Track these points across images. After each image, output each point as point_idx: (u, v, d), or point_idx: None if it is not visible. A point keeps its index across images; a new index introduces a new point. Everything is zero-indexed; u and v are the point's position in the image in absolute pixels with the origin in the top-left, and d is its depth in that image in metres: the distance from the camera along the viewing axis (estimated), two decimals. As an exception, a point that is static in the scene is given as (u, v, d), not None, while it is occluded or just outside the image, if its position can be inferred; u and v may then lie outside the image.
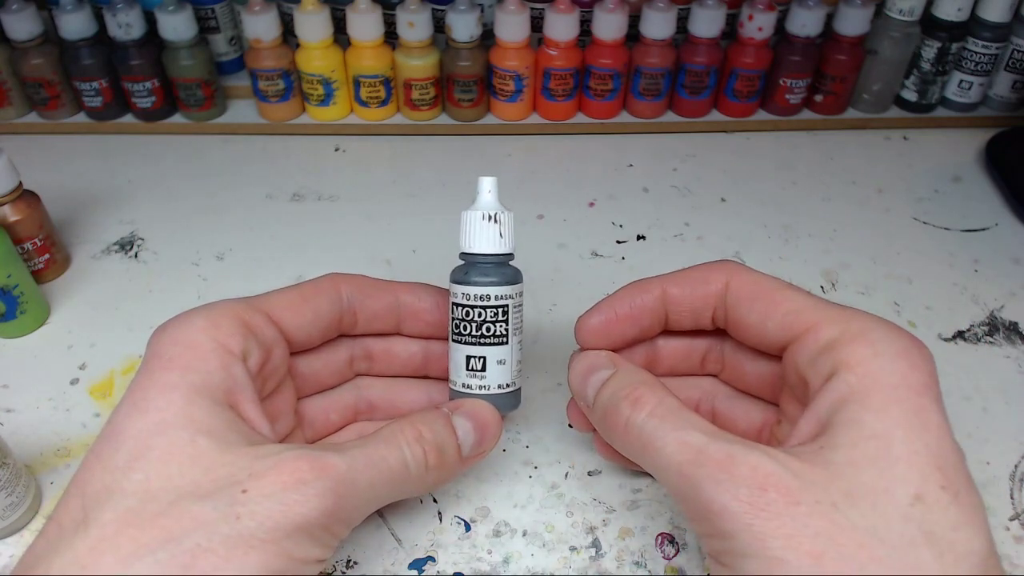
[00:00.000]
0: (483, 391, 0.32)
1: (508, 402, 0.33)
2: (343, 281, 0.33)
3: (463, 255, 0.33)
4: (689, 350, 0.34)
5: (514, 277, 0.32)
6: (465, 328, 0.32)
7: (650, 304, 0.32)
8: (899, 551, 0.22)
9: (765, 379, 0.32)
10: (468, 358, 0.32)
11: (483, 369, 0.32)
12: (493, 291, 0.32)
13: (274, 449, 0.25)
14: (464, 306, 0.32)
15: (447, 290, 0.34)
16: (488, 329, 0.32)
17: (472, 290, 0.32)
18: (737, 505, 0.23)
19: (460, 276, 0.32)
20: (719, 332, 0.32)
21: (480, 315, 0.32)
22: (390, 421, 0.29)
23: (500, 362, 0.32)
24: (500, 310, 0.32)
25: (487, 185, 0.32)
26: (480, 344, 0.32)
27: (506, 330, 0.32)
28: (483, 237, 0.32)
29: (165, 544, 0.22)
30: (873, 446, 0.23)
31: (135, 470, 0.24)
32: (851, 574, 0.21)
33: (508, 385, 0.32)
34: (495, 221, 0.32)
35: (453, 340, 0.32)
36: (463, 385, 0.32)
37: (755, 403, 0.33)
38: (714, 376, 0.34)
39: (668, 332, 0.33)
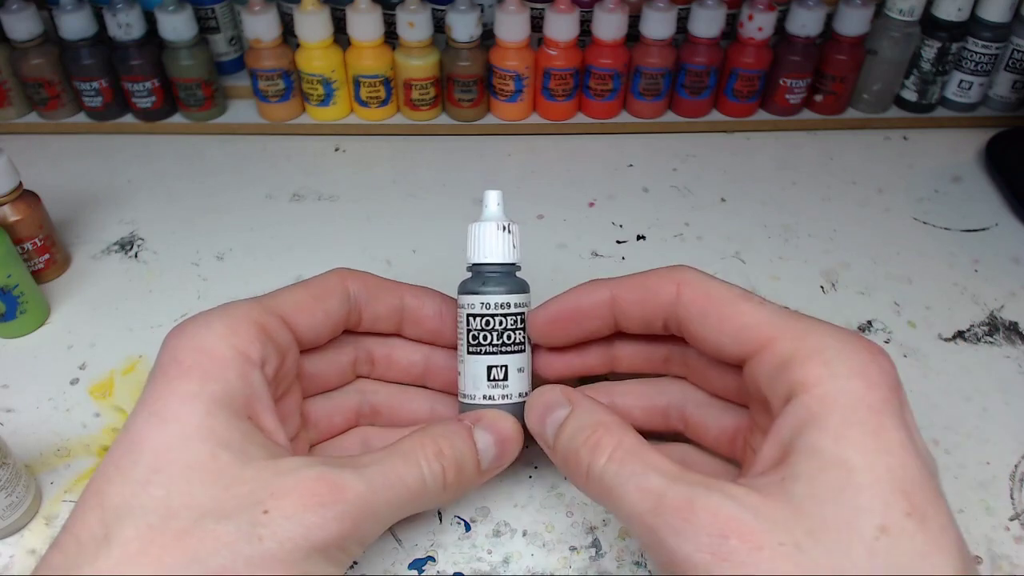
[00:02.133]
0: (506, 400, 0.32)
1: None
2: (350, 278, 0.33)
3: (475, 266, 0.33)
4: (649, 354, 0.33)
5: (525, 286, 0.33)
6: (485, 338, 0.32)
7: (598, 306, 0.31)
8: None
9: (730, 386, 0.31)
10: (490, 368, 0.32)
11: (505, 378, 0.32)
12: (512, 299, 0.32)
13: (293, 464, 0.25)
14: (483, 316, 0.32)
15: (452, 298, 0.34)
16: (509, 337, 0.32)
17: (492, 298, 0.32)
18: (699, 556, 0.22)
19: (476, 286, 0.32)
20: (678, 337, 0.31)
21: (501, 323, 0.32)
22: (409, 432, 0.29)
23: (520, 370, 0.32)
24: (519, 317, 0.32)
25: (495, 198, 0.33)
26: (502, 353, 0.32)
27: (524, 337, 0.32)
28: (498, 247, 0.32)
29: (190, 564, 0.22)
30: (834, 476, 0.22)
31: (155, 484, 0.24)
32: None
33: (526, 393, 0.32)
34: (509, 232, 0.33)
35: (470, 352, 0.32)
36: (484, 397, 0.32)
37: (727, 408, 0.31)
38: (683, 379, 0.33)
39: (626, 335, 0.33)
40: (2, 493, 0.32)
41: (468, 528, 0.34)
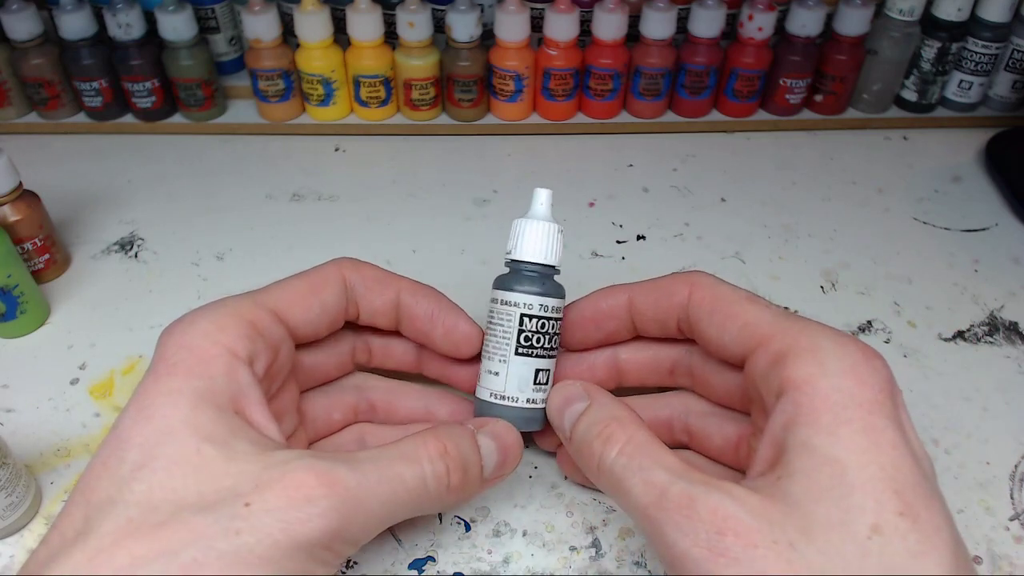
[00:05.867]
0: (547, 405, 0.32)
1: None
2: (349, 268, 0.33)
3: (540, 266, 0.32)
4: (655, 363, 0.34)
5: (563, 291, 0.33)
6: (539, 341, 0.32)
7: (616, 310, 0.33)
8: None
9: (733, 391, 0.31)
10: (537, 371, 0.32)
11: (547, 382, 0.32)
12: (560, 303, 0.32)
13: (283, 457, 0.24)
14: (540, 318, 0.32)
15: (446, 299, 0.33)
16: (553, 341, 0.32)
17: (551, 302, 0.32)
18: (697, 551, 0.23)
19: (537, 287, 0.32)
20: (688, 342, 0.32)
21: (554, 327, 0.32)
22: (412, 433, 0.28)
23: (552, 374, 0.33)
24: (560, 323, 0.33)
25: (543, 197, 0.33)
26: (549, 356, 0.32)
27: (558, 343, 0.33)
28: (553, 249, 0.32)
29: (159, 557, 0.22)
30: (827, 474, 0.23)
31: (139, 480, 0.23)
32: None
33: (544, 400, 0.33)
34: (562, 234, 0.33)
35: (518, 354, 0.31)
36: (528, 400, 0.32)
37: (729, 417, 0.32)
38: (687, 390, 0.34)
39: (636, 340, 0.34)
40: (2, 493, 0.32)
41: (468, 528, 0.34)
